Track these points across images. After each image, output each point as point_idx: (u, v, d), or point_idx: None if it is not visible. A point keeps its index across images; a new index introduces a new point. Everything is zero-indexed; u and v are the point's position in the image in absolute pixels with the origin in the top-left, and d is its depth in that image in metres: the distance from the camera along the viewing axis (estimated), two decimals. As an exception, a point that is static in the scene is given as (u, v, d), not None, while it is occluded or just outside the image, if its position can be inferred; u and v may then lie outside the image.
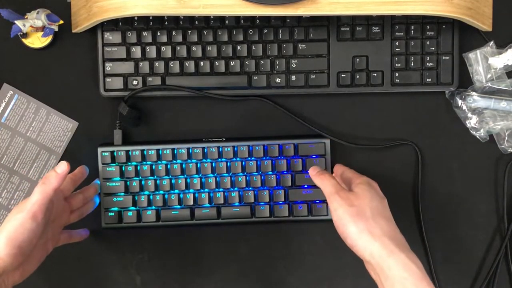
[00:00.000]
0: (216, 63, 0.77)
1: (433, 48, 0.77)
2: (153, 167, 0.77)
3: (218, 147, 0.76)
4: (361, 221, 0.61)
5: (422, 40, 0.77)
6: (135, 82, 0.77)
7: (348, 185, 0.68)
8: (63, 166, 0.65)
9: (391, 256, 0.59)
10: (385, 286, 0.59)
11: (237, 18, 0.76)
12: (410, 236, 0.80)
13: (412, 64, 0.77)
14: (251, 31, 0.76)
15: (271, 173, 0.77)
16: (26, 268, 0.64)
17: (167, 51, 0.77)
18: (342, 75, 0.77)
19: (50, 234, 0.67)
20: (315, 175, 0.68)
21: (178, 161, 0.77)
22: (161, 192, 0.77)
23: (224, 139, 0.78)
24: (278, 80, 0.77)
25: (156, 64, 0.77)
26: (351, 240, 0.62)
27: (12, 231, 0.61)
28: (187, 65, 0.77)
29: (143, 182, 0.77)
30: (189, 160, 0.77)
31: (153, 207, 0.77)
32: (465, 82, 0.78)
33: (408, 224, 0.80)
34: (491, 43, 0.77)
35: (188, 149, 0.76)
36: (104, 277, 0.80)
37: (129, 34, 0.76)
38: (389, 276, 0.58)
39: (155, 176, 0.77)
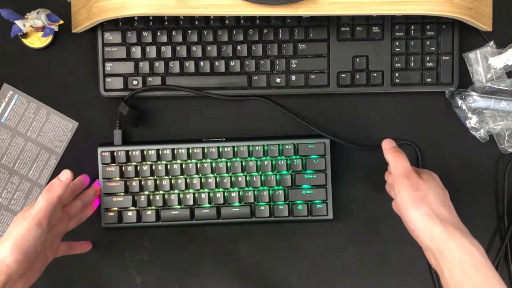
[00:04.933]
0: (216, 63, 0.77)
1: (433, 48, 0.77)
2: (153, 167, 0.77)
3: (218, 147, 0.76)
4: (423, 206, 0.61)
5: (422, 40, 0.77)
6: (135, 82, 0.77)
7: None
8: (67, 174, 0.67)
9: (452, 239, 0.59)
10: (444, 270, 0.59)
11: (237, 18, 0.76)
12: (410, 236, 0.80)
13: (412, 64, 0.77)
14: (251, 31, 0.76)
15: (271, 173, 0.77)
16: (29, 278, 0.64)
17: (167, 51, 0.77)
18: (342, 75, 0.77)
19: (48, 243, 0.67)
20: (390, 149, 0.68)
21: (178, 161, 0.77)
22: (161, 192, 0.77)
23: (224, 139, 0.78)
24: (278, 80, 0.77)
25: (156, 64, 0.77)
26: (412, 224, 0.62)
27: (18, 238, 0.62)
28: (187, 65, 0.77)
29: (143, 182, 0.77)
30: (189, 160, 0.77)
31: (153, 207, 0.77)
32: (465, 82, 0.78)
33: (408, 224, 0.80)
34: (491, 43, 0.77)
35: (188, 149, 0.77)
36: (104, 277, 0.80)
37: (129, 34, 0.76)
38: (449, 259, 0.58)
39: (155, 176, 0.77)
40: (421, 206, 0.61)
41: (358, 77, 0.77)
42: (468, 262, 0.57)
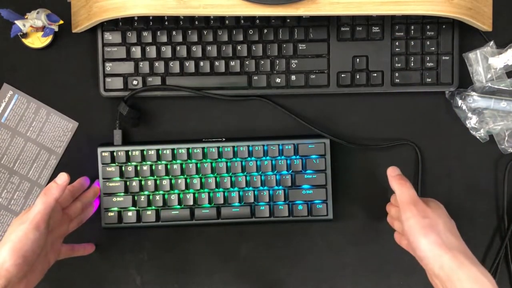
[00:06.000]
0: (216, 63, 0.77)
1: (433, 48, 0.77)
2: (153, 167, 0.77)
3: (218, 147, 0.76)
4: (432, 233, 0.61)
5: (422, 40, 0.77)
6: (135, 82, 0.77)
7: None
8: (63, 177, 0.67)
9: (462, 268, 0.58)
10: None
11: (237, 18, 0.76)
12: (410, 236, 0.80)
13: (412, 64, 0.77)
14: (251, 31, 0.76)
15: (271, 173, 0.77)
16: (30, 281, 0.64)
17: (167, 51, 0.77)
18: (342, 75, 0.77)
19: (49, 245, 0.68)
20: (395, 177, 0.68)
21: (178, 161, 0.77)
22: (161, 192, 0.77)
23: (224, 139, 0.78)
24: (278, 80, 0.77)
25: (156, 64, 0.77)
26: (421, 252, 0.61)
27: (17, 241, 0.62)
28: (187, 65, 0.77)
29: (143, 182, 0.77)
30: (189, 160, 0.77)
31: (153, 207, 0.77)
32: (465, 82, 0.78)
33: (408, 224, 0.80)
34: (491, 43, 0.77)
35: (188, 149, 0.77)
36: (104, 277, 0.80)
37: (129, 34, 0.76)
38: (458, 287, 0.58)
39: (155, 176, 0.77)
40: (430, 233, 0.61)
41: (358, 77, 0.77)
42: None
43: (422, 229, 0.61)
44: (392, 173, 0.69)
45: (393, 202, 0.72)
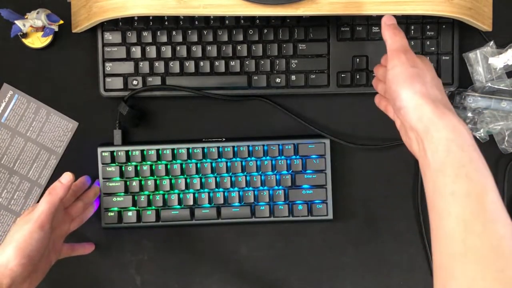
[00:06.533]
0: (216, 63, 0.77)
1: (433, 48, 0.77)
2: (153, 167, 0.77)
3: (218, 147, 0.77)
4: (418, 83, 0.57)
5: (422, 40, 0.77)
6: (135, 82, 0.77)
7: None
8: (68, 176, 0.67)
9: (442, 118, 0.54)
10: (428, 151, 0.54)
11: (237, 18, 0.76)
12: (410, 236, 0.80)
13: (412, 64, 0.77)
14: (251, 31, 0.76)
15: (271, 173, 0.77)
16: (33, 281, 0.64)
17: (167, 51, 0.77)
18: (342, 75, 0.77)
19: (51, 245, 0.68)
20: (389, 26, 0.62)
21: (178, 161, 0.77)
22: (161, 192, 0.77)
23: (224, 139, 0.78)
24: (278, 80, 0.77)
25: (156, 64, 0.77)
26: (402, 102, 0.56)
27: (21, 241, 0.62)
28: (187, 65, 0.77)
29: (143, 182, 0.77)
30: (189, 160, 0.77)
31: (153, 207, 0.77)
32: (465, 82, 0.78)
33: (408, 224, 0.79)
34: (491, 43, 0.77)
35: (188, 149, 0.77)
36: (104, 277, 0.80)
37: (129, 34, 0.76)
38: (435, 138, 0.53)
39: (155, 176, 0.77)
40: (416, 83, 0.57)
41: (358, 77, 0.77)
42: (455, 142, 0.52)
43: (408, 77, 0.57)
44: (388, 21, 0.63)
45: (383, 62, 0.67)
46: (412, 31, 0.76)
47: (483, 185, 0.51)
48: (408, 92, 0.56)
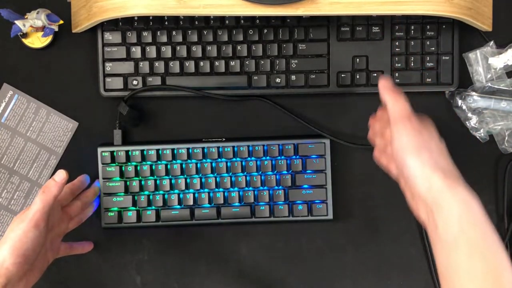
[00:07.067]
0: (216, 63, 0.77)
1: (433, 48, 0.77)
2: (153, 167, 0.77)
3: (218, 147, 0.76)
4: (426, 152, 0.56)
5: (422, 40, 0.77)
6: (135, 82, 0.77)
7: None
8: (62, 174, 0.66)
9: (451, 190, 0.54)
10: (438, 223, 0.53)
11: (237, 18, 0.76)
12: (410, 236, 0.80)
13: (412, 64, 0.77)
14: (251, 31, 0.76)
15: (271, 173, 0.77)
16: (29, 279, 0.64)
17: (167, 51, 0.77)
18: (342, 75, 0.77)
19: (48, 243, 0.67)
20: (388, 88, 0.61)
21: (178, 161, 0.77)
22: (161, 192, 0.77)
23: (224, 139, 0.78)
24: (278, 80, 0.77)
25: (156, 64, 0.77)
26: (410, 171, 0.56)
27: (17, 240, 0.62)
28: (187, 65, 0.77)
29: (143, 182, 0.77)
30: (189, 160, 0.77)
31: (153, 207, 0.77)
32: (465, 82, 0.78)
33: (408, 224, 0.79)
34: (491, 43, 0.77)
35: (188, 149, 0.77)
36: (104, 277, 0.80)
37: (129, 34, 0.76)
38: (445, 210, 0.53)
39: (155, 176, 0.77)
40: (423, 152, 0.56)
41: (358, 77, 0.77)
42: (467, 217, 0.52)
43: (415, 147, 0.57)
44: (386, 84, 0.62)
45: (379, 116, 0.67)
46: (412, 31, 0.76)
47: (498, 263, 0.51)
48: (416, 162, 0.56)
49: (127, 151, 0.77)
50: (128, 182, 0.77)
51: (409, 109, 0.60)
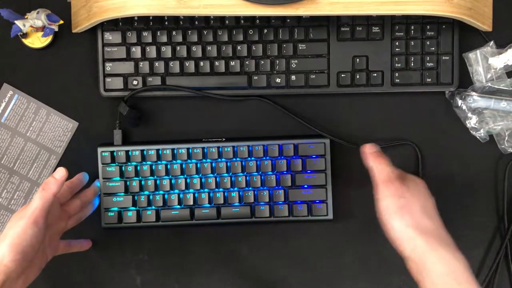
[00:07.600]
0: (216, 63, 0.77)
1: (433, 48, 0.77)
2: (153, 167, 0.77)
3: (218, 147, 0.76)
4: (408, 215, 0.60)
5: (422, 40, 0.77)
6: (135, 82, 0.77)
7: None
8: (61, 171, 0.67)
9: (435, 252, 0.58)
10: (426, 283, 0.57)
11: (237, 18, 0.76)
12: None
13: (412, 64, 0.77)
14: (251, 31, 0.76)
15: (271, 173, 0.77)
16: (28, 276, 0.64)
17: (167, 51, 0.77)
18: (342, 75, 0.77)
19: (47, 241, 0.67)
20: (372, 154, 0.66)
21: (178, 161, 0.77)
22: (161, 192, 0.77)
23: (224, 139, 0.78)
24: (278, 80, 0.77)
25: (156, 64, 0.77)
26: (394, 233, 0.60)
27: (15, 237, 0.62)
28: (187, 65, 0.77)
29: (143, 182, 0.77)
30: (189, 160, 0.77)
31: (153, 207, 0.77)
32: (465, 82, 0.78)
33: (408, 224, 0.79)
34: (491, 43, 0.77)
35: (188, 149, 0.77)
36: (104, 277, 0.80)
37: (129, 34, 0.76)
38: (431, 271, 0.57)
39: (155, 176, 0.77)
40: (405, 215, 0.60)
41: (358, 77, 0.77)
42: (451, 276, 0.56)
43: (397, 209, 0.60)
44: (369, 150, 0.66)
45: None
46: (412, 31, 0.76)
47: None
48: (399, 224, 0.60)
49: (127, 151, 0.77)
50: (128, 182, 0.77)
51: (391, 173, 0.63)
